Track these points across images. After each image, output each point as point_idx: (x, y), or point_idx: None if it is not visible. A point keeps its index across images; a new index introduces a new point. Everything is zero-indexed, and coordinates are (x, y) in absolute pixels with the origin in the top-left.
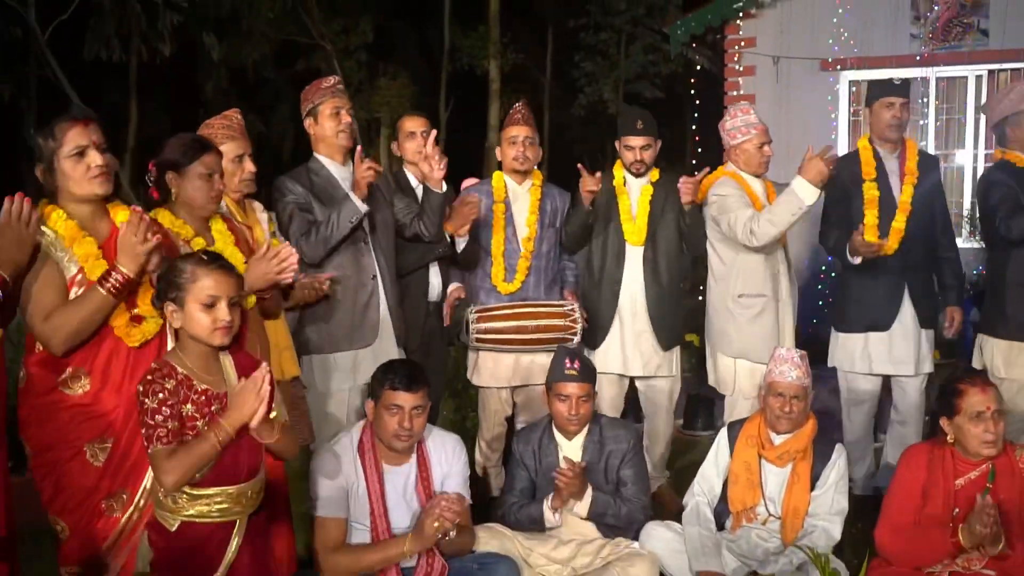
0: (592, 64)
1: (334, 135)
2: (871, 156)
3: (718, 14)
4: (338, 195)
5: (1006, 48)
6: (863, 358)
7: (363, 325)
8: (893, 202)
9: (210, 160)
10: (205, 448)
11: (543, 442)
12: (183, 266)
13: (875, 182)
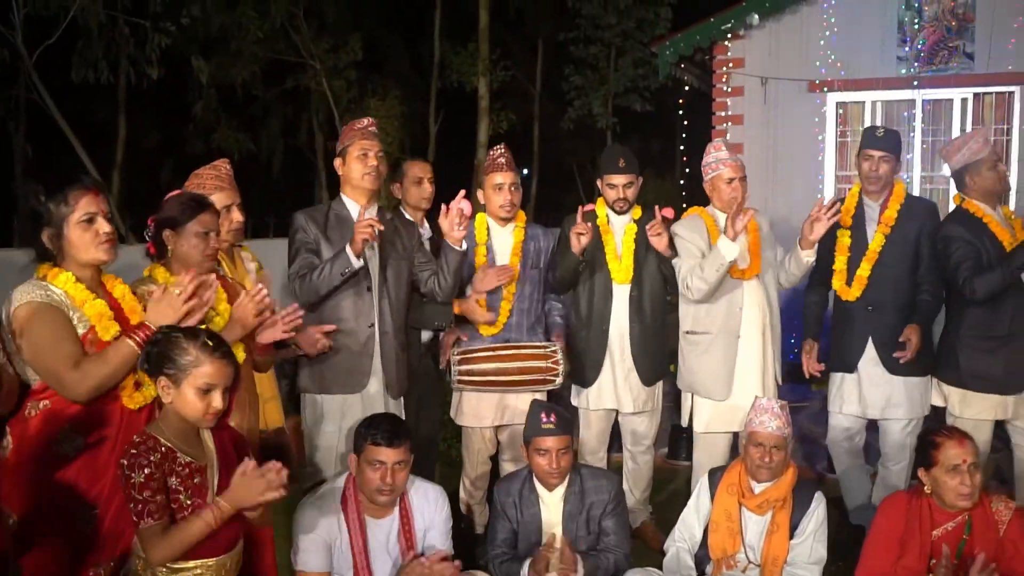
0: (582, 78)
1: (359, 177)
2: (853, 204)
3: (707, 35)
4: (349, 236)
5: (991, 72)
6: (837, 397)
7: (355, 371)
8: (864, 249)
9: (207, 219)
10: (200, 527)
11: (524, 493)
12: (187, 346)
13: (849, 229)
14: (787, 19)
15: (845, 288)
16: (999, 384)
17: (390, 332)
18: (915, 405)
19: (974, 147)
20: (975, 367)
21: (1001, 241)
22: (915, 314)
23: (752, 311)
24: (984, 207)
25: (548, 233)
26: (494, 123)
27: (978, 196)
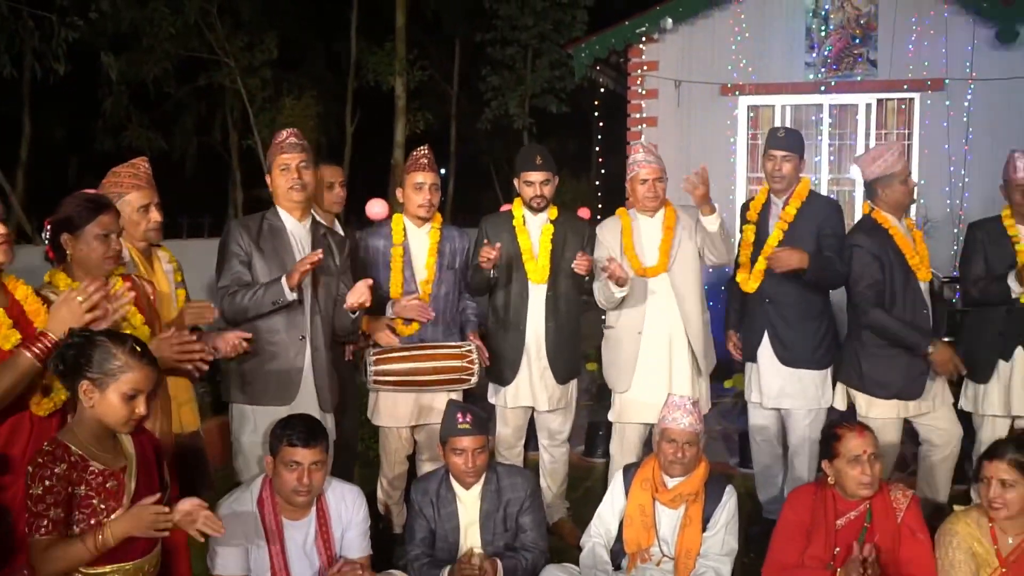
0: (499, 78)
1: (285, 191)
2: (760, 202)
3: (622, 38)
4: (285, 251)
5: (893, 79)
6: (748, 387)
7: (284, 384)
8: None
9: (107, 220)
10: (80, 552)
11: (441, 492)
12: (115, 351)
13: (754, 225)
14: (700, 24)
15: (746, 280)
16: (899, 391)
17: (321, 346)
18: (810, 398)
19: (890, 159)
20: (875, 374)
21: (903, 252)
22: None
23: (658, 309)
24: (891, 218)
25: (464, 234)
26: (411, 123)
27: (887, 207)
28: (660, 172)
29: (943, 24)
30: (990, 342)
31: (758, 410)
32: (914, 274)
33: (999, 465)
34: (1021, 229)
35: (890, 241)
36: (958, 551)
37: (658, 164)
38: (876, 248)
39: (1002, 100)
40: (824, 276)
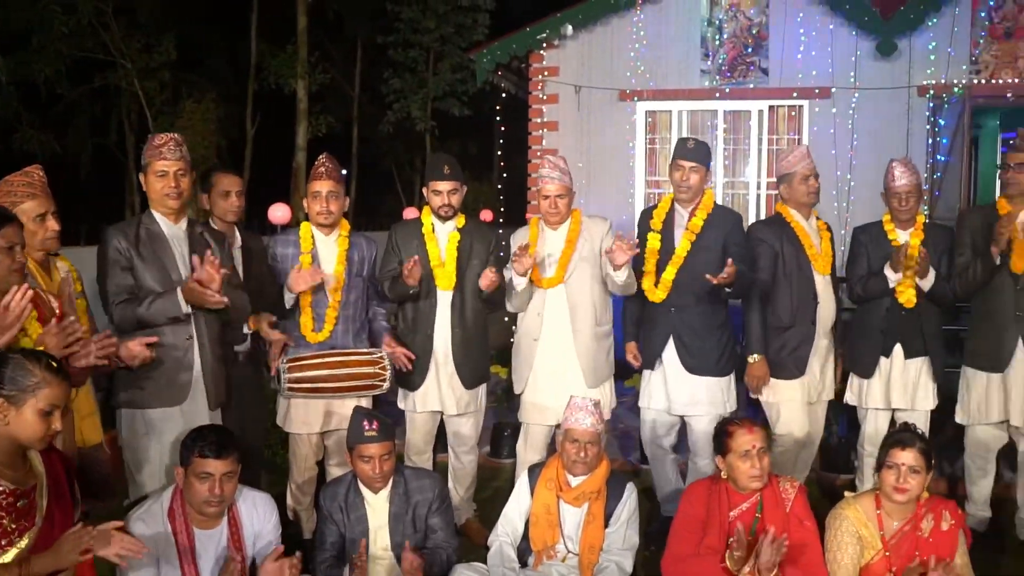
0: (401, 81)
1: (160, 197)
2: (664, 210)
3: (523, 44)
4: (165, 254)
5: (783, 87)
6: (645, 393)
7: (174, 385)
8: (671, 249)
9: (10, 233)
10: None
11: (350, 497)
12: (32, 368)
13: (659, 233)
14: (599, 31)
15: (652, 289)
16: (788, 371)
17: (207, 344)
18: (717, 403)
19: (792, 160)
20: (772, 356)
21: (803, 244)
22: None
23: (554, 317)
24: (795, 214)
25: (372, 242)
26: (313, 126)
27: (791, 204)
28: (563, 188)
29: (829, 36)
30: (872, 340)
31: (657, 416)
32: (810, 266)
33: (908, 453)
34: (901, 233)
35: (788, 233)
36: (846, 534)
37: (561, 180)
38: (771, 237)
39: (883, 108)
40: (742, 285)
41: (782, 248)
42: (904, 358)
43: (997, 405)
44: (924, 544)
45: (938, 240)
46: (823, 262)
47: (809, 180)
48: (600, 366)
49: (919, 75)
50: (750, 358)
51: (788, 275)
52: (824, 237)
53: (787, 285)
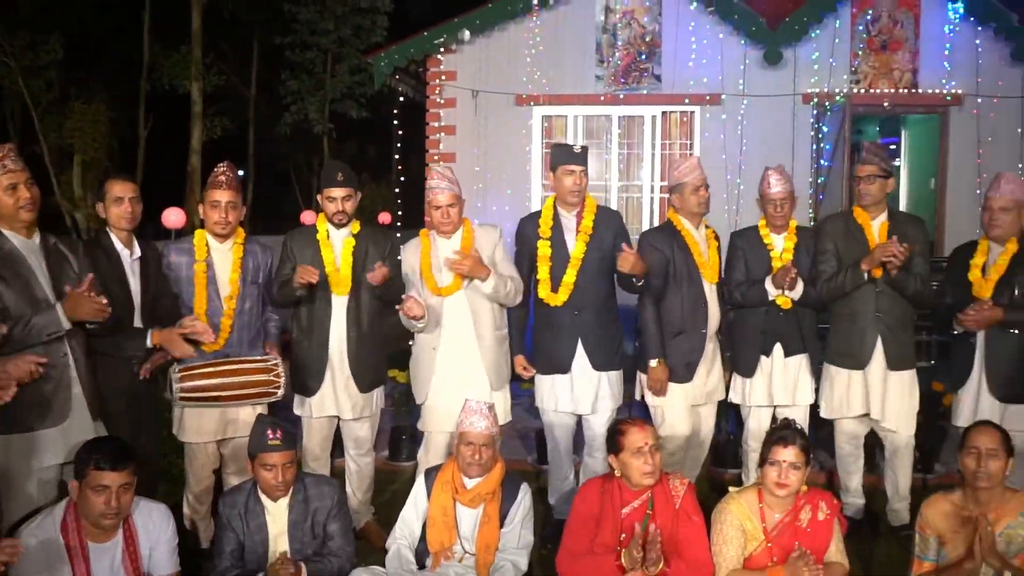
0: (298, 82)
1: (14, 212)
2: (550, 216)
3: (420, 48)
4: (22, 270)
5: (675, 93)
6: (550, 397)
7: (53, 404)
8: (567, 257)
9: None
10: None
11: (249, 505)
12: None
13: (549, 240)
14: (496, 36)
15: (552, 295)
16: (678, 375)
17: (82, 358)
18: (616, 397)
19: (683, 170)
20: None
21: (693, 253)
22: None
23: (454, 325)
24: (685, 222)
25: (268, 249)
26: (208, 128)
27: (682, 213)
28: (454, 198)
29: (719, 44)
30: (752, 340)
31: (560, 418)
32: (699, 274)
33: (789, 450)
34: (775, 238)
35: (679, 241)
36: (730, 528)
37: (451, 189)
38: (663, 245)
39: (770, 115)
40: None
41: (673, 256)
42: (784, 356)
43: (858, 400)
44: (803, 534)
45: (809, 244)
46: (711, 270)
47: (700, 191)
48: (502, 369)
49: (803, 83)
50: (651, 362)
51: (679, 282)
52: (712, 246)
53: (678, 292)
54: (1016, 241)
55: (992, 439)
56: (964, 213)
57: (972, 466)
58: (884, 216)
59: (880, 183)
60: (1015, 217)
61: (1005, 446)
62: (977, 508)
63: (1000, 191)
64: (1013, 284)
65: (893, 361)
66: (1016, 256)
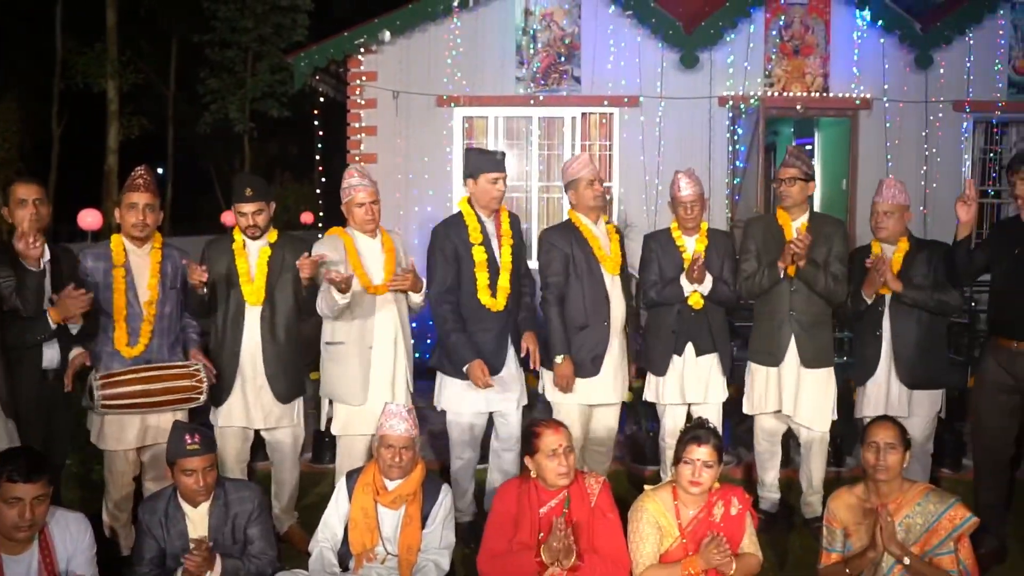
0: (218, 81)
1: None
2: (476, 221)
3: (340, 49)
4: None
5: (595, 95)
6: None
7: None
8: (497, 264)
9: None
10: None
11: (170, 511)
12: None
13: (483, 245)
14: (417, 37)
15: (492, 300)
16: (585, 369)
17: None
18: (523, 393)
19: (576, 167)
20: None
21: (592, 247)
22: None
23: (385, 323)
24: (583, 219)
25: (185, 255)
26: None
27: (580, 209)
28: (375, 195)
29: (637, 47)
30: (665, 340)
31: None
32: (600, 268)
33: (703, 449)
34: (687, 240)
35: (578, 237)
36: (646, 525)
37: (371, 187)
38: (560, 241)
39: (687, 117)
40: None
41: (572, 251)
42: (695, 356)
43: (774, 396)
44: (716, 528)
45: (720, 245)
46: (612, 263)
47: (594, 185)
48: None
49: (719, 86)
50: (556, 359)
51: (580, 277)
52: (613, 239)
53: (579, 287)
54: (906, 240)
55: (890, 433)
56: None
57: (872, 460)
58: (805, 217)
59: (801, 185)
60: (898, 219)
61: (902, 439)
62: (878, 500)
63: (883, 196)
64: (910, 277)
65: (807, 359)
66: (907, 254)
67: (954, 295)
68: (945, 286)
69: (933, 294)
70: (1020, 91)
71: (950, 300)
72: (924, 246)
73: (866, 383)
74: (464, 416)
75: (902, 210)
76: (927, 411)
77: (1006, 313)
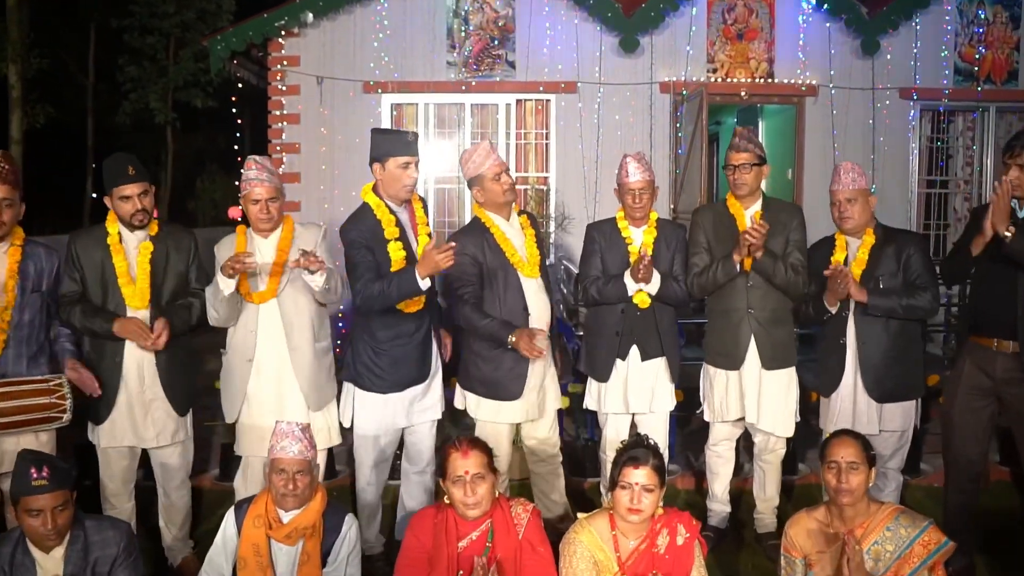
0: (138, 69)
1: None
2: (388, 213)
3: (260, 31)
4: None
5: (530, 80)
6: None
7: None
8: (414, 256)
9: None
10: None
11: (17, 558)
12: None
13: (399, 240)
14: (342, 19)
15: (411, 301)
16: (505, 390)
17: None
18: (440, 406)
19: (477, 160)
20: (481, 374)
21: (505, 251)
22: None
23: (269, 334)
24: (493, 217)
25: (52, 252)
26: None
27: (488, 207)
28: (274, 191)
29: (574, 31)
30: (608, 342)
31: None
32: (517, 274)
33: (641, 472)
34: (634, 231)
35: (489, 239)
36: (581, 560)
37: (271, 182)
38: (470, 246)
39: (628, 104)
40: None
41: (485, 258)
42: (640, 360)
43: (736, 402)
44: (661, 561)
45: (670, 237)
46: (530, 266)
47: (501, 178)
48: (323, 386)
49: (661, 72)
50: (512, 338)
51: (494, 286)
52: (528, 235)
53: (493, 298)
54: (872, 232)
55: (852, 451)
56: (821, 204)
57: (833, 482)
58: (758, 204)
59: (756, 171)
60: (863, 206)
61: (866, 456)
62: (843, 525)
63: (841, 183)
64: (876, 277)
65: (768, 359)
66: (874, 248)
67: (925, 297)
68: (915, 288)
69: (903, 299)
70: (966, 78)
71: (922, 304)
72: (892, 238)
73: (830, 395)
74: (380, 435)
75: (865, 195)
76: (899, 425)
77: (985, 311)
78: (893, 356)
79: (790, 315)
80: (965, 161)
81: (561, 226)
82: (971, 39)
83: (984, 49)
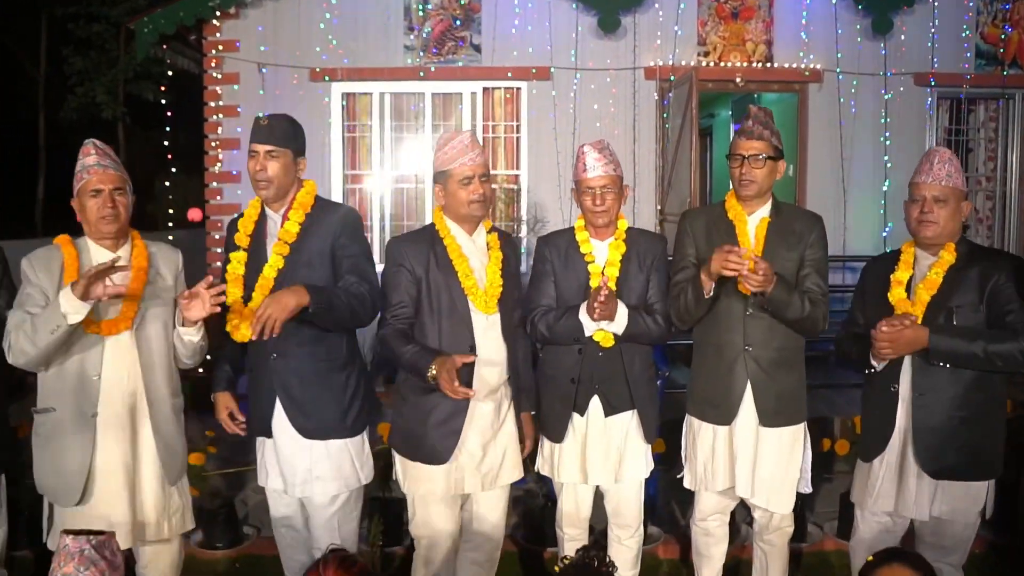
0: (84, 60)
1: None
2: (252, 219)
3: (191, 13)
4: None
5: (497, 66)
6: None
7: None
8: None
9: None
10: None
11: None
12: None
13: (246, 252)
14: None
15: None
16: (432, 451)
17: None
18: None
19: (449, 152)
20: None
21: (457, 272)
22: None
23: (118, 379)
24: (453, 226)
25: None
26: None
27: (451, 215)
28: (121, 181)
29: (547, 10)
30: (562, 392)
31: (280, 497)
32: (467, 303)
33: None
34: (597, 244)
35: (439, 251)
36: None
37: (117, 170)
38: (411, 257)
39: (608, 91)
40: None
41: (428, 275)
42: (604, 416)
43: (724, 468)
44: None
45: (644, 253)
46: (486, 296)
47: (471, 184)
48: (177, 452)
49: (645, 56)
50: (429, 372)
51: (435, 313)
52: (494, 258)
53: (434, 328)
54: (953, 248)
55: None
56: (828, 204)
57: None
58: (766, 210)
59: (770, 166)
60: (954, 211)
61: None
62: None
63: (933, 175)
64: (950, 309)
65: (768, 414)
66: (953, 269)
67: (1017, 344)
68: (1004, 330)
69: (984, 343)
70: (990, 62)
71: (1010, 351)
72: (977, 258)
73: (871, 460)
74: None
75: (959, 198)
76: (964, 513)
77: None
78: (962, 418)
79: (801, 356)
80: (988, 155)
81: (533, 230)
82: (995, 17)
83: (1010, 29)
